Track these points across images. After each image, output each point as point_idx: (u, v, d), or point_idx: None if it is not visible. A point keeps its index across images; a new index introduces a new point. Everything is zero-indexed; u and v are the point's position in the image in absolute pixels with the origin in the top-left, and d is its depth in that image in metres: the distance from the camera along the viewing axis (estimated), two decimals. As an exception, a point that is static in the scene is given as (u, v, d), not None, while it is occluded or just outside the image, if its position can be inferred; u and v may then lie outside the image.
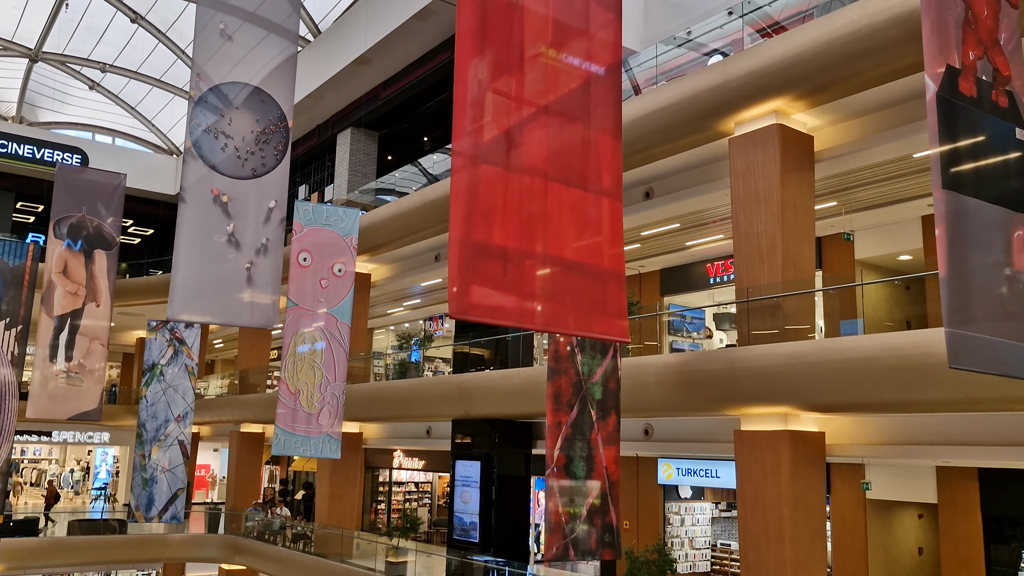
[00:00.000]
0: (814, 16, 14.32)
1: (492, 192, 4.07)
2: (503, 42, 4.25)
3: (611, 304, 4.41)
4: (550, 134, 4.38)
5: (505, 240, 4.08)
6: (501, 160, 4.14)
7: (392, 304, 25.36)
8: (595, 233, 4.51)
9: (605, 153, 4.59)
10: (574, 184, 4.46)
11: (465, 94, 4.15)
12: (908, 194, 13.20)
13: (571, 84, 4.52)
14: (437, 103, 21.40)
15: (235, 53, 10.17)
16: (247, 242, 9.89)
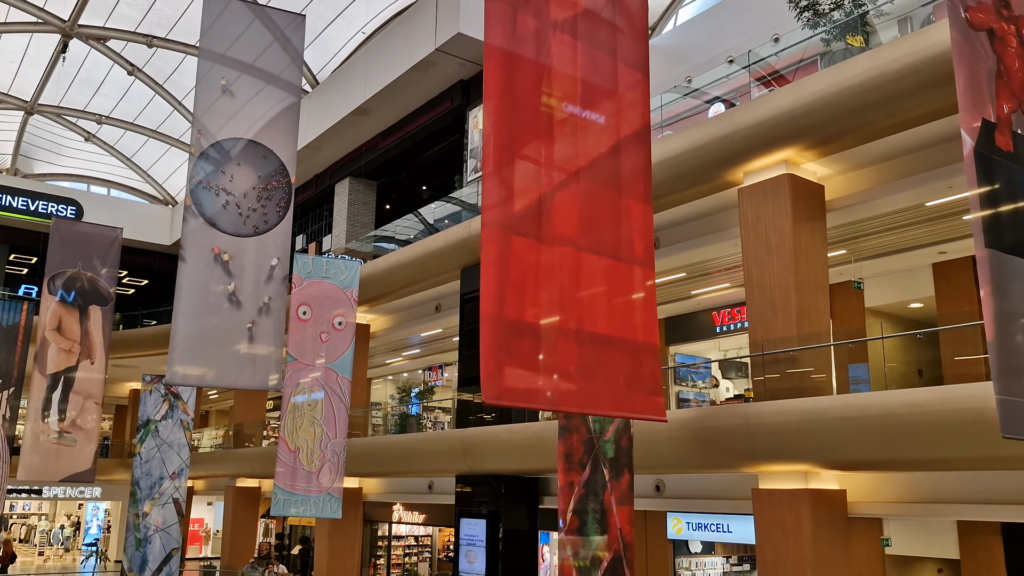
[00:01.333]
0: (817, 64, 14.34)
1: (524, 265, 3.83)
2: (532, 106, 4.04)
3: (646, 380, 4.15)
4: (581, 202, 4.15)
5: (537, 316, 3.83)
6: (532, 231, 3.90)
7: (391, 354, 25.01)
8: (628, 304, 4.25)
9: (636, 220, 4.35)
10: (606, 254, 4.21)
11: (494, 162, 3.93)
12: (919, 242, 13.02)
13: (601, 148, 4.30)
14: (436, 152, 21.32)
15: (236, 108, 9.99)
16: (248, 301, 9.61)
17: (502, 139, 3.98)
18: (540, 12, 4.22)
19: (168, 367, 9.11)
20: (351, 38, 22.72)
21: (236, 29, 10.13)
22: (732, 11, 17.95)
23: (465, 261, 16.36)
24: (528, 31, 4.16)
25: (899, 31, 12.38)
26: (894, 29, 12.35)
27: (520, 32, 4.15)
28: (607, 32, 4.51)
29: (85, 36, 25.01)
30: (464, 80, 18.69)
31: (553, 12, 4.28)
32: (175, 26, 24.31)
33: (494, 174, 3.92)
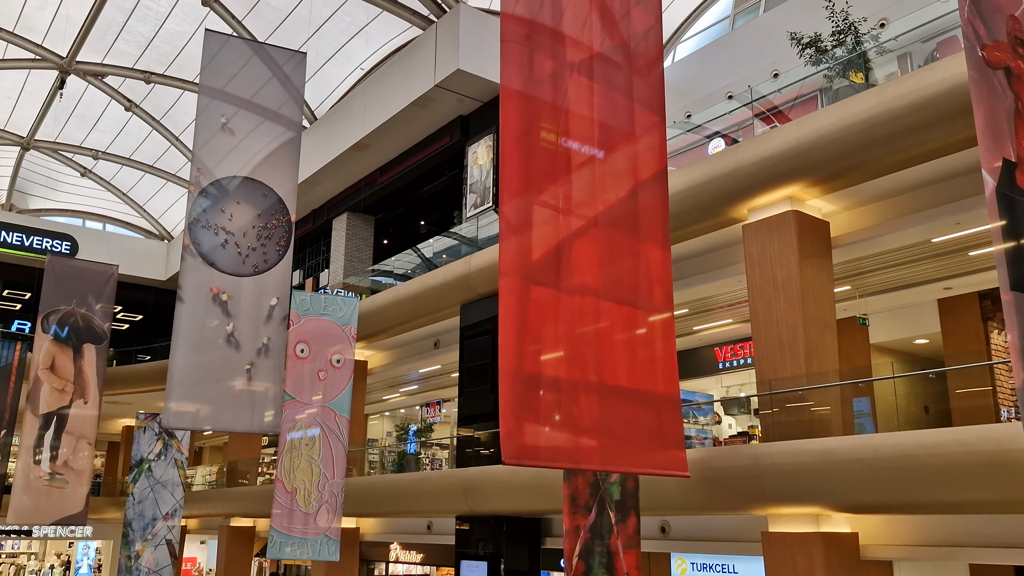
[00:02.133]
0: (817, 100, 14.32)
1: (542, 316, 3.67)
2: (549, 149, 3.90)
3: (669, 434, 3.97)
4: (600, 248, 4.00)
5: (557, 370, 3.66)
6: (551, 279, 3.74)
7: (388, 390, 24.73)
8: (649, 355, 4.08)
9: (655, 267, 4.19)
10: (625, 302, 4.05)
11: (511, 208, 3.78)
12: (924, 277, 12.91)
13: (619, 193, 4.15)
14: (434, 187, 21.24)
15: (236, 146, 9.86)
16: (247, 342, 9.41)
17: (519, 184, 3.84)
18: (556, 54, 4.10)
19: (164, 409, 8.91)
20: (349, 74, 22.76)
21: (236, 67, 10.05)
22: (729, 47, 18.02)
23: (465, 297, 16.19)
24: (545, 73, 4.04)
25: (898, 67, 12.38)
26: (893, 64, 12.35)
27: (537, 74, 4.03)
28: (623, 73, 4.39)
29: (83, 72, 25.01)
30: (463, 116, 18.66)
31: (569, 54, 4.16)
32: (173, 62, 24.34)
33: (512, 221, 3.76)
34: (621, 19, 4.44)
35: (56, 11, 22.59)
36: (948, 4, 13.40)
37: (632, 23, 4.49)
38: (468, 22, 17.29)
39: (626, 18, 4.46)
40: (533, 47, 4.03)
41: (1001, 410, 12.34)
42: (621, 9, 4.46)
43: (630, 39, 4.44)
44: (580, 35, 4.20)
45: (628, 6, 4.47)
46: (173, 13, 22.20)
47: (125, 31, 23.17)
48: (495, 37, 17.57)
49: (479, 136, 18.25)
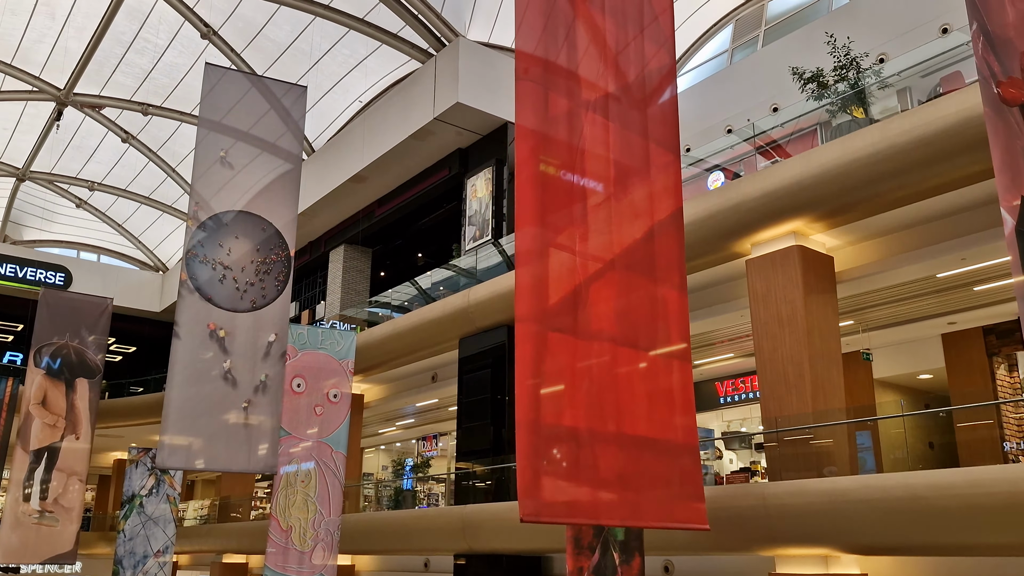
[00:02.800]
0: (816, 134, 14.31)
1: (560, 363, 3.53)
2: (565, 190, 3.79)
3: (688, 485, 3.81)
4: (617, 292, 3.87)
5: (575, 420, 3.51)
6: (568, 325, 3.61)
7: (384, 424, 24.46)
8: (667, 403, 3.93)
9: (673, 311, 4.05)
10: (643, 347, 3.91)
11: (528, 252, 3.65)
12: (928, 312, 12.82)
13: (635, 235, 4.03)
14: (432, 220, 21.17)
15: (235, 180, 9.73)
16: (244, 380, 9.21)
17: (536, 227, 3.72)
18: (571, 92, 4.00)
19: (159, 449, 8.68)
20: (347, 107, 22.77)
21: (236, 100, 9.96)
22: (728, 81, 18.05)
23: (464, 330, 16.03)
24: (560, 111, 3.93)
25: (898, 101, 12.39)
26: (893, 99, 12.34)
27: (552, 112, 3.93)
28: (638, 112, 4.29)
29: (80, 104, 24.99)
30: (462, 148, 18.64)
31: (585, 92, 4.06)
32: (171, 94, 24.34)
33: (528, 264, 3.63)
34: (635, 57, 4.35)
35: (55, 43, 22.61)
36: (948, 40, 13.47)
37: (647, 61, 4.40)
38: (467, 56, 17.32)
39: (640, 56, 4.37)
40: (548, 85, 3.93)
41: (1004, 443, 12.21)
42: (635, 47, 4.37)
43: (645, 77, 4.34)
44: (595, 73, 4.11)
45: (642, 44, 4.38)
46: (172, 46, 22.24)
47: (123, 63, 23.19)
48: (494, 71, 17.66)
49: (478, 169, 18.21)
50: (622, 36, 4.31)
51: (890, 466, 12.50)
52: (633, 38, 4.37)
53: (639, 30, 4.40)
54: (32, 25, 21.94)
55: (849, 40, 11.39)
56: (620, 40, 4.29)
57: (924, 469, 13.61)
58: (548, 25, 4.04)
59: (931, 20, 14.02)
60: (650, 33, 4.42)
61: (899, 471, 13.07)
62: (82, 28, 21.71)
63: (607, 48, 4.21)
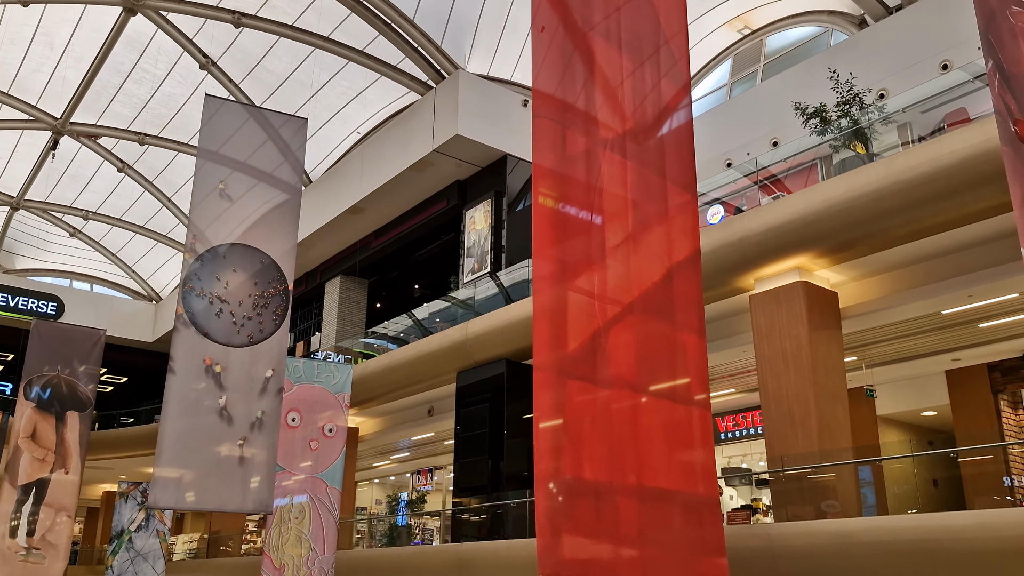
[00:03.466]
0: (817, 168, 14.27)
1: (580, 413, 3.38)
2: (583, 232, 3.66)
3: (709, 539, 3.65)
4: (636, 337, 3.72)
5: (595, 473, 3.36)
6: (587, 372, 3.46)
7: (378, 457, 24.13)
8: (688, 452, 3.77)
9: (692, 356, 3.91)
10: (663, 395, 3.76)
11: (547, 295, 3.52)
12: (932, 349, 12.69)
13: (654, 277, 3.89)
14: (429, 251, 21.05)
15: (234, 213, 9.59)
16: (240, 416, 9.00)
17: (554, 270, 3.58)
18: (589, 131, 3.89)
19: (151, 488, 8.46)
20: (345, 137, 22.74)
21: (235, 132, 9.86)
22: (727, 115, 18.08)
23: (462, 364, 15.84)
24: (578, 150, 3.82)
25: (898, 136, 12.37)
26: (894, 134, 12.32)
27: (570, 152, 3.81)
28: (655, 150, 4.17)
29: (76, 133, 24.92)
30: (461, 180, 18.59)
31: (602, 131, 3.95)
32: (168, 124, 24.29)
33: (547, 309, 3.49)
34: (652, 94, 4.24)
35: (52, 73, 22.58)
36: (950, 77, 13.50)
37: (663, 98, 4.29)
38: (467, 88, 17.32)
39: (657, 95, 4.26)
40: (566, 123, 3.82)
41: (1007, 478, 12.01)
42: (653, 86, 4.27)
43: (662, 116, 4.23)
44: (613, 111, 4.00)
45: (658, 80, 4.27)
46: (170, 76, 22.22)
47: (121, 93, 23.16)
48: (494, 103, 17.67)
49: (477, 201, 18.13)
50: (639, 75, 4.21)
51: (893, 501, 12.33)
52: (651, 77, 4.27)
53: (656, 69, 4.30)
54: (30, 54, 21.93)
55: (852, 76, 11.37)
56: (638, 78, 4.18)
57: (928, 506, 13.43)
58: (566, 63, 3.94)
59: (931, 56, 14.07)
60: (667, 72, 4.32)
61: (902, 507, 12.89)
62: (80, 58, 21.70)
63: (624, 86, 4.11)
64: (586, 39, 4.00)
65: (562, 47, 3.95)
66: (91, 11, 20.18)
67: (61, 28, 20.84)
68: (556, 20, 3.94)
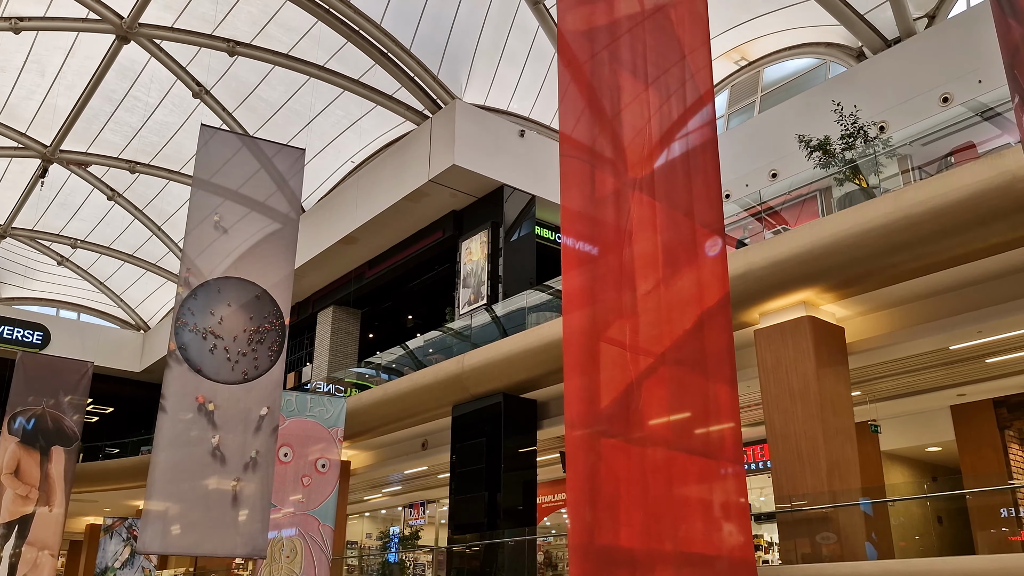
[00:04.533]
0: (817, 200, 14.16)
1: (615, 475, 3.15)
2: (615, 277, 3.45)
3: (748, 606, 3.45)
4: (670, 390, 3.50)
5: (631, 539, 3.12)
6: (621, 430, 3.23)
7: (370, 491, 23.69)
8: (725, 516, 3.53)
9: (725, 409, 3.68)
10: (697, 452, 3.52)
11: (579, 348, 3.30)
12: (937, 384, 12.50)
13: (685, 324, 3.67)
14: (424, 282, 20.81)
15: (229, 246, 9.32)
16: (234, 456, 8.68)
17: (586, 320, 3.36)
18: (618, 170, 3.69)
19: (140, 533, 8.11)
20: (339, 167, 22.57)
21: (232, 164, 9.63)
22: (724, 146, 18.01)
23: (458, 397, 15.55)
24: (607, 191, 3.62)
25: (898, 167, 12.29)
26: (894, 166, 12.24)
27: (599, 193, 3.61)
28: (684, 190, 3.97)
29: (66, 161, 24.65)
30: (456, 211, 18.40)
31: (631, 169, 3.75)
32: (160, 152, 24.07)
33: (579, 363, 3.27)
34: (678, 131, 4.05)
35: (43, 100, 22.36)
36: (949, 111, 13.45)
37: (689, 136, 4.10)
38: (464, 118, 17.19)
39: (683, 130, 4.07)
40: (594, 163, 3.62)
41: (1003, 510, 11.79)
42: (678, 120, 4.08)
43: (690, 154, 4.04)
44: (640, 149, 3.81)
45: (684, 117, 4.09)
46: (163, 104, 22.04)
47: (112, 121, 22.94)
48: (490, 133, 17.54)
49: (473, 232, 17.94)
50: (666, 111, 4.02)
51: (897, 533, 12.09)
52: (676, 112, 4.08)
53: (682, 104, 4.11)
54: (21, 82, 21.72)
55: (856, 109, 11.29)
56: (664, 115, 4.00)
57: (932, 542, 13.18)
58: (592, 98, 3.76)
59: (931, 89, 14.05)
60: (692, 108, 4.13)
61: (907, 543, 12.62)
62: (72, 85, 21.50)
63: (652, 123, 3.92)
64: (613, 73, 3.82)
65: (588, 82, 3.77)
66: (84, 39, 20.02)
67: (53, 56, 20.66)
68: (582, 53, 3.76)
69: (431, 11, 17.58)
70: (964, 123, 10.95)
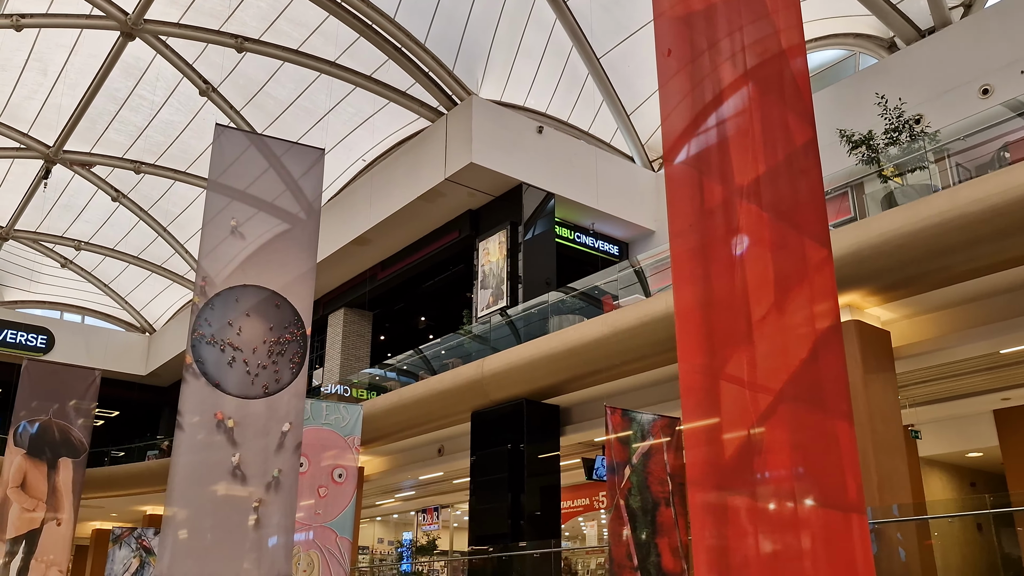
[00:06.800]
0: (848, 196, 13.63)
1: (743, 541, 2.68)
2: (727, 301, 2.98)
3: None
4: (790, 432, 3.01)
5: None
6: (746, 485, 2.75)
7: (382, 496, 23.23)
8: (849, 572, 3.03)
9: (846, 450, 3.20)
10: (823, 503, 3.03)
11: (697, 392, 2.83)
12: (981, 388, 12.01)
13: (800, 354, 3.17)
14: (438, 283, 20.30)
15: (248, 253, 8.81)
16: (255, 476, 8.18)
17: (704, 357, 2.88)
18: (725, 176, 3.19)
19: (159, 558, 7.64)
20: (350, 165, 22.04)
21: (248, 165, 9.12)
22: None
23: (477, 403, 15.06)
24: (715, 202, 3.13)
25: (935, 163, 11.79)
26: (928, 162, 11.74)
27: (708, 204, 3.13)
28: (788, 197, 3.46)
29: (70, 162, 24.15)
30: (473, 210, 17.87)
31: (736, 175, 3.25)
32: (165, 152, 23.56)
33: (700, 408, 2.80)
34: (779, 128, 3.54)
35: (45, 100, 21.85)
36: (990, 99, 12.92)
37: (791, 133, 3.59)
38: (481, 114, 16.65)
39: (784, 127, 3.57)
40: (701, 168, 3.14)
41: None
42: (778, 116, 3.57)
43: (791, 156, 3.53)
44: (744, 150, 3.31)
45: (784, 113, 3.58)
46: (168, 103, 21.52)
47: (116, 120, 22.43)
48: (508, 130, 17.00)
49: (491, 231, 17.41)
50: (767, 104, 3.51)
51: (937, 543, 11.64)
52: (776, 108, 3.57)
53: (781, 99, 3.61)
54: (23, 81, 21.21)
55: (901, 101, 10.76)
56: (765, 109, 3.49)
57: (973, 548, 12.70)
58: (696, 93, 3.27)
59: (969, 81, 13.53)
60: (792, 103, 3.63)
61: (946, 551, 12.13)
62: (75, 84, 20.99)
63: (753, 119, 3.42)
64: (712, 63, 3.33)
65: (691, 73, 3.28)
66: (87, 36, 19.50)
67: (55, 54, 20.15)
68: (683, 42, 3.28)
69: (446, 5, 17.05)
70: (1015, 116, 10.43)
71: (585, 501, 19.09)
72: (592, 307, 14.93)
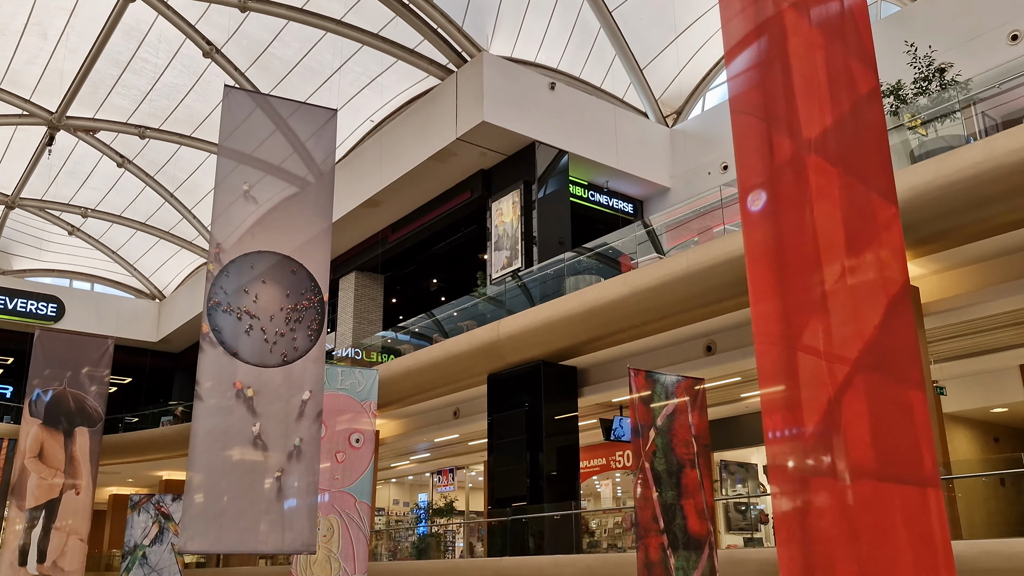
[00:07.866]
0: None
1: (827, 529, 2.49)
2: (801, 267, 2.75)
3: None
4: (868, 405, 2.80)
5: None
6: (828, 466, 2.56)
7: (397, 458, 23.28)
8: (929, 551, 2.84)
9: (920, 420, 3.00)
10: (902, 480, 2.83)
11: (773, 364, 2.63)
12: (1008, 343, 11.79)
13: (873, 320, 2.95)
14: (449, 244, 20.05)
15: (262, 218, 8.57)
16: (276, 445, 8.04)
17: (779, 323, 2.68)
18: (793, 129, 2.95)
19: (180, 532, 7.55)
20: (359, 126, 21.65)
21: (260, 127, 8.85)
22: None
23: (493, 366, 14.92)
24: (785, 157, 2.89)
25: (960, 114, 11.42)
26: (953, 113, 11.38)
27: (778, 159, 2.89)
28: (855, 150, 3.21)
29: (73, 128, 23.82)
30: (485, 170, 17.54)
31: (804, 127, 3.00)
32: (170, 116, 23.20)
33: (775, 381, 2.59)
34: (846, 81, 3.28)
35: (46, 65, 21.46)
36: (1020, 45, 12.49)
37: (856, 82, 3.32)
38: (492, 71, 16.25)
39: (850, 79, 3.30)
40: (770, 121, 2.90)
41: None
42: (843, 64, 3.30)
43: (857, 105, 3.26)
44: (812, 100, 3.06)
45: (848, 59, 3.31)
46: (172, 65, 21.11)
47: (120, 85, 22.05)
48: (519, 87, 16.60)
49: (504, 191, 17.10)
50: (831, 51, 3.24)
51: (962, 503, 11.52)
52: (841, 55, 3.30)
53: (844, 44, 3.34)
54: (23, 46, 20.80)
55: (932, 49, 10.38)
56: (830, 56, 3.22)
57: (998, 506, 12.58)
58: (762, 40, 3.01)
59: (997, 27, 13.09)
60: (854, 48, 3.36)
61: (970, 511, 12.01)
62: (76, 48, 20.57)
63: (818, 66, 3.15)
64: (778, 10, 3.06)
65: (756, 19, 3.02)
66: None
67: (55, 17, 19.72)
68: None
69: (453, -42, 16.57)
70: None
71: (602, 461, 19.04)
72: (608, 267, 14.70)
